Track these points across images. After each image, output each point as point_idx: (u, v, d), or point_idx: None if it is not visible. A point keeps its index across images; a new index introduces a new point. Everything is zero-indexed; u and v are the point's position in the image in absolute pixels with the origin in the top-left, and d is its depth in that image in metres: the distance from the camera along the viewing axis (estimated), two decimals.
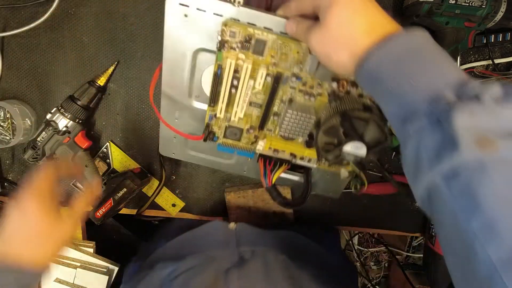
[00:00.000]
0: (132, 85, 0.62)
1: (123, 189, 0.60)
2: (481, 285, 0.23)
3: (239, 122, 0.53)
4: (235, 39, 0.44)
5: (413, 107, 0.29)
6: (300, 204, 0.59)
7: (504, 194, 0.23)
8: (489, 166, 0.24)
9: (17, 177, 0.69)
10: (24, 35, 0.59)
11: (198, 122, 0.56)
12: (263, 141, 0.54)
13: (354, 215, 0.74)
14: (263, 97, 0.50)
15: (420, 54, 0.30)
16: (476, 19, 0.52)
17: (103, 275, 0.83)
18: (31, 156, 0.61)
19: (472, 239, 0.23)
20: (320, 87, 0.48)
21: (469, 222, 0.23)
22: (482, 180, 0.23)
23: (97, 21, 0.58)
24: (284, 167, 0.57)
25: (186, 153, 0.61)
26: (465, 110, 0.25)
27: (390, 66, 0.30)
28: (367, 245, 1.38)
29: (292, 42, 0.44)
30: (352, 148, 0.44)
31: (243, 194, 0.68)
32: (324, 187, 0.62)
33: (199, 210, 0.73)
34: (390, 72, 0.30)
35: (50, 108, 0.60)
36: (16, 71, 0.61)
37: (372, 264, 1.39)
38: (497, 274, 0.21)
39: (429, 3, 0.50)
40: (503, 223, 0.22)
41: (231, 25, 0.43)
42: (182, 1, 0.43)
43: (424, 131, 0.27)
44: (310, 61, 0.43)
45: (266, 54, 0.45)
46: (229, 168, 0.62)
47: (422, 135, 0.27)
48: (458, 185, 0.25)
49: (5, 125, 0.62)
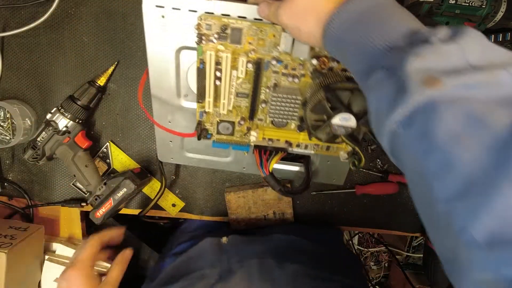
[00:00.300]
0: (132, 85, 0.62)
1: (123, 189, 0.60)
2: (443, 222, 0.23)
3: (229, 115, 0.53)
4: (211, 31, 0.45)
5: (373, 61, 0.29)
6: (301, 191, 0.59)
7: (456, 130, 0.23)
8: (438, 104, 0.24)
9: (17, 177, 0.69)
10: (24, 35, 0.59)
11: (191, 122, 0.56)
12: (256, 131, 0.54)
13: (354, 215, 0.74)
14: (249, 86, 0.50)
15: (377, 11, 0.31)
16: (476, 19, 0.52)
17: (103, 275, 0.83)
18: (31, 156, 0.61)
19: (431, 179, 0.23)
20: (302, 67, 0.48)
21: (427, 162, 0.24)
22: (434, 119, 0.23)
23: (97, 21, 0.58)
24: (280, 154, 0.57)
25: (184, 156, 0.62)
26: (414, 55, 0.26)
27: (351, 26, 0.31)
28: (367, 245, 1.38)
29: (266, 26, 0.45)
30: (341, 120, 0.44)
31: (243, 194, 0.68)
32: (326, 174, 0.62)
33: (199, 210, 0.73)
34: (351, 32, 0.31)
35: (50, 108, 0.60)
36: (16, 71, 0.61)
37: (372, 264, 1.40)
38: (455, 205, 0.22)
39: (429, 3, 0.50)
40: (456, 158, 0.22)
41: (206, 18, 0.44)
42: (158, 3, 0.45)
43: (382, 82, 0.28)
44: (284, 39, 0.43)
45: (244, 42, 0.46)
46: (228, 166, 0.63)
47: (381, 86, 0.28)
48: (413, 129, 0.25)
49: (5, 125, 0.62)
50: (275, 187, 0.55)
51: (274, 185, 0.55)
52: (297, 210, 0.72)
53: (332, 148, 0.57)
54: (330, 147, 0.57)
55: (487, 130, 0.22)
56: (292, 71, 0.48)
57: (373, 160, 0.68)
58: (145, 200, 0.71)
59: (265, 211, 0.70)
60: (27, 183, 0.70)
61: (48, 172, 0.68)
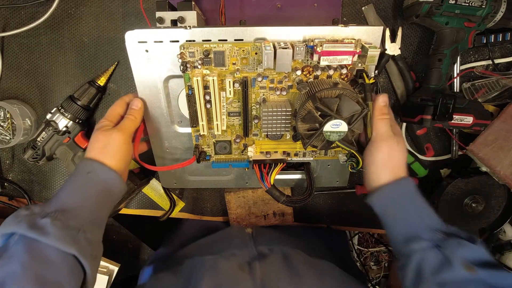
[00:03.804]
0: (132, 85, 0.62)
1: None
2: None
3: (224, 135, 0.54)
4: (195, 58, 0.46)
5: (417, 232, 0.43)
6: (306, 199, 0.58)
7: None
8: (472, 282, 0.38)
9: (17, 177, 0.69)
10: (24, 35, 0.59)
11: (188, 146, 0.57)
12: (252, 147, 0.55)
13: (354, 215, 0.74)
14: (239, 105, 0.51)
15: (416, 196, 0.46)
16: (476, 19, 0.52)
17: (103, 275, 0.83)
18: (31, 156, 0.61)
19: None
20: (288, 79, 0.48)
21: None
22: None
23: (97, 21, 0.58)
24: (280, 166, 0.57)
25: (186, 180, 0.63)
26: (456, 245, 0.40)
27: (408, 196, 0.46)
28: (367, 245, 1.38)
29: (247, 45, 0.46)
30: (332, 127, 0.44)
31: (243, 194, 0.68)
32: (329, 178, 0.63)
33: (199, 210, 0.73)
34: (404, 202, 0.45)
35: (50, 108, 0.60)
36: (16, 71, 0.61)
37: (372, 264, 1.40)
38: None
39: (429, 3, 0.50)
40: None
41: (188, 46, 0.46)
42: (140, 39, 0.47)
43: (426, 250, 0.41)
44: (265, 56, 0.43)
45: (228, 63, 0.47)
46: (231, 183, 0.63)
47: (426, 253, 0.41)
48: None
49: (5, 125, 0.62)
50: (279, 199, 0.55)
51: (278, 197, 0.55)
52: (297, 210, 0.72)
53: (330, 152, 0.57)
54: (328, 152, 0.57)
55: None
56: (278, 85, 0.49)
57: None
58: (145, 200, 0.71)
59: (265, 211, 0.70)
60: (27, 183, 0.70)
61: (48, 172, 0.68)
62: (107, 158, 0.46)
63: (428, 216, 0.45)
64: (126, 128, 0.49)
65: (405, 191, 0.46)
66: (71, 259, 0.39)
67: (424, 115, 0.55)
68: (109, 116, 0.50)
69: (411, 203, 0.45)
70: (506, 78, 0.58)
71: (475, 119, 0.57)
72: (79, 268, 0.40)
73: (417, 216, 0.45)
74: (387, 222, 0.46)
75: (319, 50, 0.43)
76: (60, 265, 0.38)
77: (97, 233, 0.44)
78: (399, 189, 0.46)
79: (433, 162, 0.67)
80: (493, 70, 0.60)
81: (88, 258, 0.40)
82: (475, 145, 0.59)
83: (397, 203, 0.45)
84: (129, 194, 0.61)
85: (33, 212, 0.40)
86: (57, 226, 0.39)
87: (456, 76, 0.59)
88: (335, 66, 0.47)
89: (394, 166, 0.46)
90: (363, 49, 0.44)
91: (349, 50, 0.44)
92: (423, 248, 0.41)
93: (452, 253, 0.39)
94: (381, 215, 0.47)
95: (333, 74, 0.47)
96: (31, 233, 0.37)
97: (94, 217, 0.44)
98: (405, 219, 0.45)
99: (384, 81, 0.61)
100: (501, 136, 0.58)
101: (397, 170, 0.46)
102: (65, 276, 0.38)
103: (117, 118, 0.50)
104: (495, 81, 0.59)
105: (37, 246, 0.37)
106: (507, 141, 0.58)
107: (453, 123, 0.57)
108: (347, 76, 0.48)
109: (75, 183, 0.45)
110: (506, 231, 0.72)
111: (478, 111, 0.57)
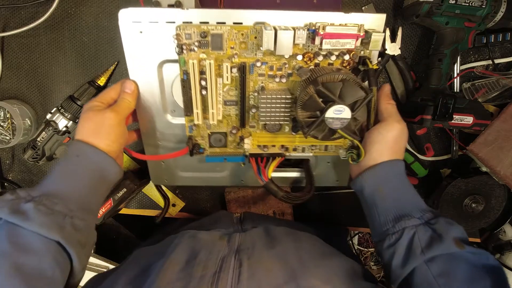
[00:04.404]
0: None
1: (123, 189, 0.60)
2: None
3: (220, 126, 0.52)
4: (191, 40, 0.44)
5: (408, 211, 0.44)
6: (306, 196, 0.54)
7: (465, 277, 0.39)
8: (458, 257, 0.40)
9: (17, 177, 0.69)
10: (24, 35, 0.59)
11: (181, 139, 0.54)
12: (249, 138, 0.52)
13: (354, 215, 0.74)
14: (236, 93, 0.49)
15: (406, 179, 0.47)
16: (476, 19, 0.52)
17: None
18: (31, 156, 0.61)
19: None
20: (288, 66, 0.47)
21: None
22: (455, 266, 0.39)
23: (97, 21, 0.58)
24: (278, 160, 0.54)
25: (178, 176, 0.59)
26: (445, 222, 0.42)
27: (400, 176, 0.47)
28: (367, 245, 1.37)
29: (246, 28, 0.44)
30: (335, 113, 0.42)
31: (243, 194, 0.68)
32: (329, 176, 0.61)
33: (199, 210, 0.73)
34: (396, 182, 0.46)
35: (50, 108, 0.60)
36: (16, 71, 0.61)
37: (372, 264, 1.39)
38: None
39: (429, 3, 0.50)
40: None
41: (185, 28, 0.43)
42: (134, 19, 0.44)
43: (418, 226, 0.42)
44: (266, 37, 0.41)
45: (226, 47, 0.45)
46: (225, 181, 0.60)
47: (417, 229, 0.42)
48: (437, 268, 0.39)
49: (5, 125, 0.62)
50: (277, 194, 0.51)
51: (276, 192, 0.51)
52: (297, 210, 0.72)
53: (331, 147, 0.55)
54: (328, 147, 0.55)
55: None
56: (278, 72, 0.47)
57: None
58: (145, 200, 0.71)
59: (265, 211, 0.70)
60: (27, 183, 0.70)
61: (48, 172, 0.69)
62: (99, 139, 0.43)
63: (417, 198, 0.46)
64: (121, 110, 0.46)
65: (399, 172, 0.47)
66: (54, 245, 0.37)
67: (424, 115, 0.55)
68: (101, 98, 0.47)
69: (402, 184, 0.46)
70: (506, 78, 0.58)
71: (475, 119, 0.57)
72: (65, 256, 0.38)
73: (408, 197, 0.46)
74: (376, 201, 0.46)
75: (322, 33, 0.42)
76: (43, 252, 0.36)
77: (88, 219, 0.42)
78: (395, 168, 0.46)
79: (433, 162, 0.67)
80: (493, 70, 0.60)
81: (74, 245, 0.38)
82: (475, 145, 0.59)
83: (390, 181, 0.46)
84: (129, 194, 0.61)
85: (18, 196, 0.38)
86: (41, 211, 0.37)
87: (456, 76, 0.59)
88: (337, 53, 0.45)
89: (397, 150, 0.47)
90: (366, 34, 0.43)
91: (353, 33, 0.42)
92: (414, 225, 0.42)
93: (442, 230, 0.41)
94: (370, 194, 0.47)
95: (335, 61, 0.46)
96: (12, 218, 0.36)
97: (85, 202, 0.42)
98: (397, 198, 0.45)
99: (384, 81, 0.61)
100: (501, 136, 0.58)
101: (399, 154, 0.47)
102: (48, 264, 0.36)
103: (109, 102, 0.47)
104: (495, 81, 0.59)
105: (18, 232, 0.36)
106: (507, 141, 0.58)
107: (453, 123, 0.57)
108: (349, 64, 0.46)
109: (64, 167, 0.42)
110: (506, 231, 0.72)
111: (478, 111, 0.57)
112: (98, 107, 0.45)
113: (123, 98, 0.47)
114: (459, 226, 0.42)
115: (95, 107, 0.45)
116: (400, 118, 0.47)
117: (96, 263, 0.80)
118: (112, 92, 0.48)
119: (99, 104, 0.46)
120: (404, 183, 0.47)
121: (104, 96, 0.47)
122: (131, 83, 0.48)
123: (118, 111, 0.45)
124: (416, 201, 0.46)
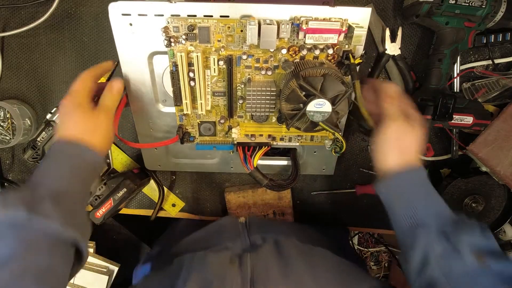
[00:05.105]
0: None
1: (123, 189, 0.60)
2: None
3: (209, 115, 0.54)
4: (179, 33, 0.45)
5: (424, 219, 0.42)
6: (289, 184, 0.57)
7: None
8: (477, 272, 0.37)
9: (17, 177, 0.69)
10: (24, 35, 0.59)
11: (172, 127, 0.56)
12: (237, 128, 0.54)
13: (354, 215, 0.74)
14: (224, 84, 0.50)
15: (424, 184, 0.45)
16: (476, 19, 0.52)
17: (103, 275, 0.83)
18: (31, 156, 0.61)
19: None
20: (274, 59, 0.48)
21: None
22: (475, 282, 0.37)
23: (97, 21, 0.58)
24: (264, 149, 0.56)
25: (170, 162, 0.62)
26: (465, 233, 0.40)
27: (416, 186, 0.45)
28: (367, 245, 1.37)
29: (233, 21, 0.45)
30: (316, 106, 0.43)
31: (243, 194, 0.68)
32: (315, 165, 0.63)
33: (199, 210, 0.73)
34: (411, 191, 0.45)
35: (50, 108, 0.60)
36: (16, 71, 0.61)
37: (372, 264, 1.39)
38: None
39: (429, 3, 0.50)
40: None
41: (173, 21, 0.45)
42: (124, 11, 0.45)
43: (432, 236, 0.40)
44: (249, 32, 0.42)
45: (213, 40, 0.46)
46: (215, 168, 0.62)
47: (432, 239, 0.40)
48: (453, 280, 0.38)
49: (5, 125, 0.62)
50: (262, 181, 0.54)
51: (260, 179, 0.54)
52: (297, 210, 0.72)
53: (316, 137, 0.57)
54: (314, 137, 0.57)
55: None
56: (264, 64, 0.48)
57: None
58: (145, 200, 0.71)
59: (265, 211, 0.70)
60: None
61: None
62: (95, 141, 0.45)
63: (436, 203, 0.44)
64: (111, 110, 0.48)
65: (414, 181, 0.45)
66: (63, 242, 0.39)
67: (424, 115, 0.55)
68: (83, 91, 0.47)
69: (418, 192, 0.45)
70: (506, 78, 0.58)
71: (475, 119, 0.57)
72: (71, 250, 0.40)
73: (424, 204, 0.44)
74: (393, 211, 0.46)
75: (305, 28, 0.43)
76: (54, 250, 0.38)
77: (86, 214, 0.46)
78: (408, 179, 0.45)
79: (433, 162, 0.67)
80: (493, 70, 0.60)
81: (86, 240, 0.42)
82: (475, 145, 0.59)
83: (403, 193, 0.45)
84: (129, 194, 0.61)
85: (31, 194, 0.39)
86: (59, 210, 0.38)
87: (456, 76, 0.59)
88: (322, 47, 0.46)
89: (403, 150, 0.45)
90: (349, 29, 0.44)
91: (335, 28, 0.43)
92: (428, 234, 0.41)
93: (460, 240, 0.39)
94: (386, 203, 0.47)
95: (319, 55, 0.47)
96: (33, 216, 0.37)
97: (84, 199, 0.46)
98: (410, 207, 0.44)
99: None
100: (501, 136, 0.58)
101: (407, 155, 0.45)
102: (58, 260, 0.38)
103: (91, 94, 0.48)
104: (495, 81, 0.59)
105: (29, 232, 0.37)
106: (507, 141, 0.58)
107: (453, 123, 0.57)
108: (333, 57, 0.47)
109: (67, 166, 0.44)
110: (506, 231, 0.72)
111: (478, 111, 0.57)
112: (88, 105, 0.46)
113: (111, 97, 0.48)
114: (482, 234, 0.40)
115: (85, 106, 0.46)
116: (399, 116, 0.46)
117: (96, 263, 0.80)
118: (92, 84, 0.48)
119: (86, 101, 0.46)
120: (421, 189, 0.45)
121: (84, 89, 0.47)
122: (118, 82, 0.49)
123: (109, 111, 0.47)
124: (435, 207, 0.44)
